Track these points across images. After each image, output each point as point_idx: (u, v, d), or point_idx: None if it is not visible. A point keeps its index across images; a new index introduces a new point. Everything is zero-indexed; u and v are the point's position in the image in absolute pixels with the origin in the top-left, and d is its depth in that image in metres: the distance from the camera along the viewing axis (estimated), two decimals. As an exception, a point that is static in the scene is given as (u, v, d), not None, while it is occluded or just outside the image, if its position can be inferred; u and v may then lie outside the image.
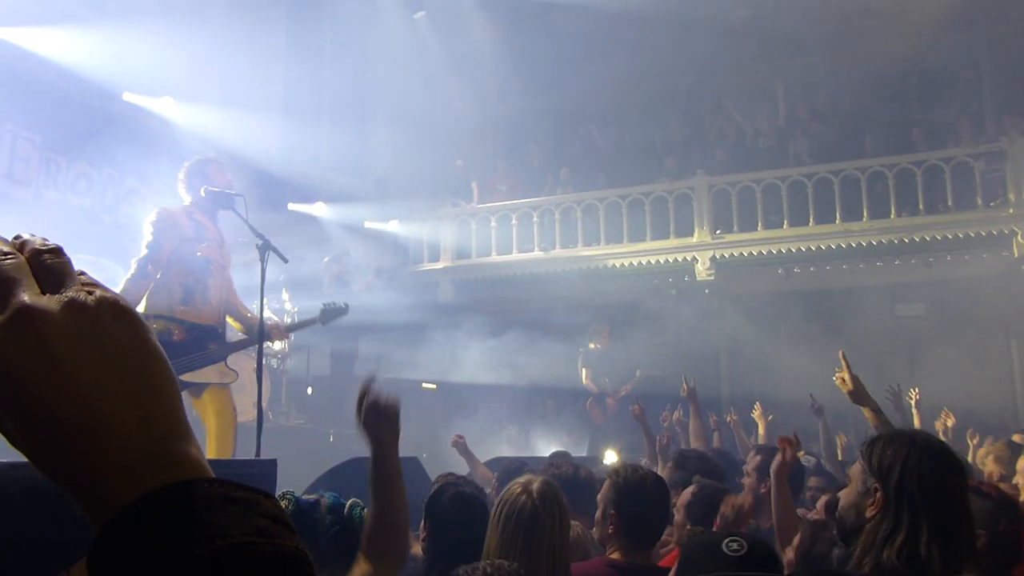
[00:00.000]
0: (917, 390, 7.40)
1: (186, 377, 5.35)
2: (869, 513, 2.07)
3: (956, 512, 2.02)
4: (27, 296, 0.56)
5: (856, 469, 2.17)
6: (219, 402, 5.58)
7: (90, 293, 0.58)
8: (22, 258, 0.59)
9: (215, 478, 0.55)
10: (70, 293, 0.57)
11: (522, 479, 2.75)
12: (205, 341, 5.49)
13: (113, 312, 0.58)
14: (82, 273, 0.60)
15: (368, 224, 13.91)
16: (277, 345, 10.08)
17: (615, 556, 3.02)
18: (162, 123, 11.12)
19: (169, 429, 0.57)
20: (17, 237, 0.61)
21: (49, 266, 0.59)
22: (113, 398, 0.55)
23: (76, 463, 0.54)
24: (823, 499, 3.68)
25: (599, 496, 3.22)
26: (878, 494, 2.06)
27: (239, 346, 5.88)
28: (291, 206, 12.76)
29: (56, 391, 0.54)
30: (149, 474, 0.54)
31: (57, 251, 0.60)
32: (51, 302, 0.56)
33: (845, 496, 2.19)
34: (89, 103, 10.27)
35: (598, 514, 3.17)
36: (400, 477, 2.30)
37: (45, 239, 0.61)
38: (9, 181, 9.37)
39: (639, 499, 3.04)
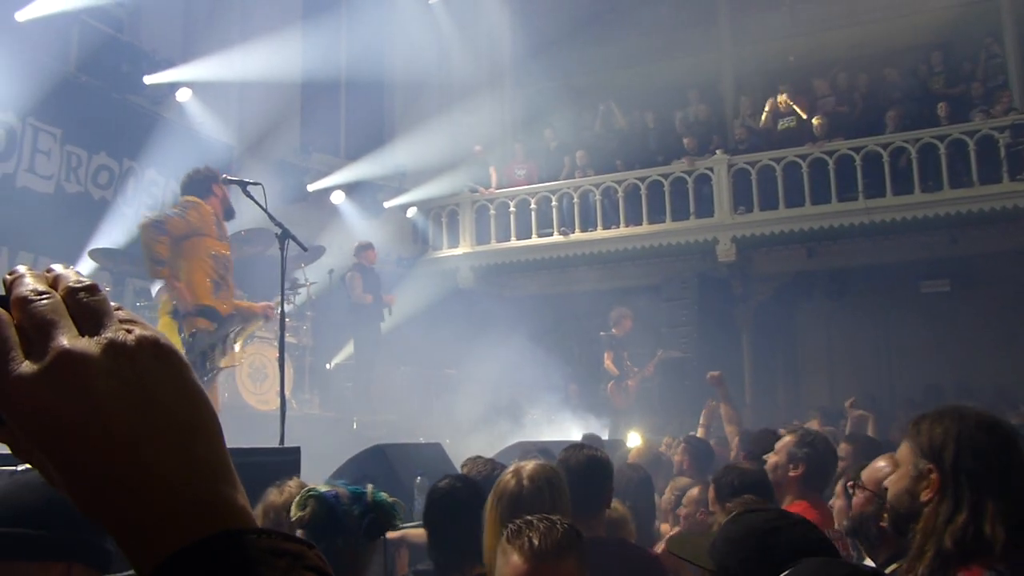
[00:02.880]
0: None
1: (221, 363, 6.01)
2: (925, 497, 1.94)
3: (1016, 486, 1.89)
4: (66, 339, 0.53)
5: (904, 452, 2.03)
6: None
7: (129, 331, 0.56)
8: (58, 297, 0.56)
9: (262, 528, 0.54)
10: (109, 334, 0.55)
11: (517, 464, 2.86)
12: (228, 328, 6.03)
13: (153, 352, 0.55)
14: (119, 308, 0.58)
15: (387, 204, 13.94)
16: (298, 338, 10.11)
17: None
18: (180, 113, 11.17)
19: (213, 474, 0.55)
20: (49, 270, 0.59)
21: (86, 305, 0.56)
22: (156, 443, 0.53)
23: (119, 509, 0.53)
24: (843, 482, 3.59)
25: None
26: (932, 475, 1.93)
27: (245, 330, 6.49)
28: (310, 187, 12.78)
29: (97, 437, 0.52)
30: (195, 522, 0.52)
31: (93, 289, 0.57)
32: (91, 344, 0.54)
33: (894, 483, 2.04)
34: (109, 95, 10.33)
35: None
36: None
37: (80, 275, 0.58)
38: (31, 175, 9.44)
39: (573, 473, 3.19)
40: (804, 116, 12.99)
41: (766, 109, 13.49)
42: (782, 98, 13.37)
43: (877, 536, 2.53)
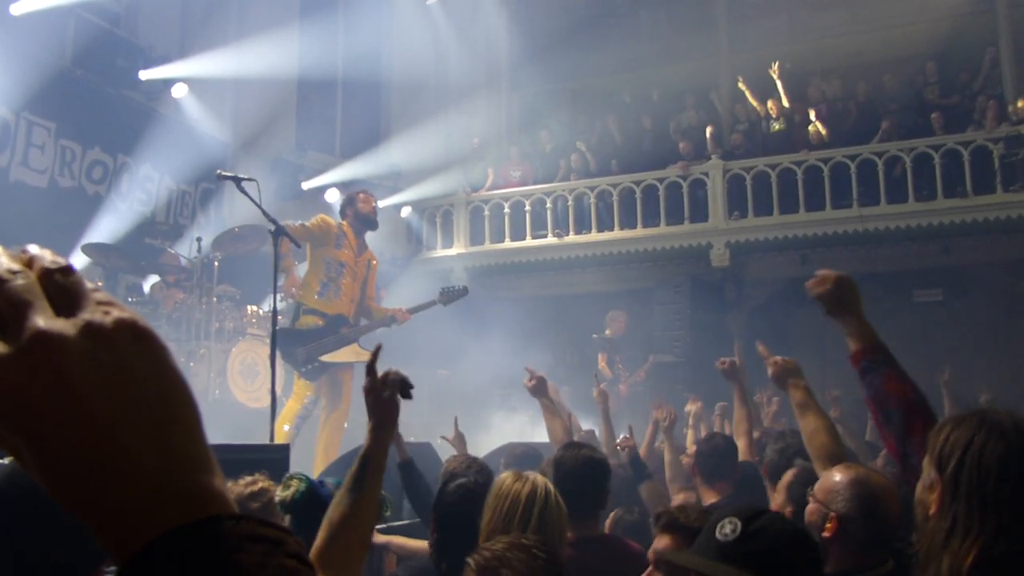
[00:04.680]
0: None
1: (325, 358, 6.72)
2: (931, 511, 1.76)
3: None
4: (42, 320, 0.52)
5: (926, 459, 1.86)
6: (331, 388, 6.99)
7: (107, 313, 0.54)
8: (32, 277, 0.55)
9: (241, 514, 0.53)
10: (86, 315, 0.54)
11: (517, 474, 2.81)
12: (338, 327, 6.82)
13: (131, 334, 0.54)
14: (96, 290, 0.57)
15: (381, 203, 13.91)
16: None
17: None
18: (176, 109, 11.15)
19: (191, 459, 0.54)
20: (24, 251, 0.57)
21: (62, 285, 0.55)
22: (132, 427, 0.52)
23: (94, 496, 0.52)
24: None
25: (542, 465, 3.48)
26: (938, 488, 1.76)
27: (367, 328, 7.14)
28: (305, 185, 12.75)
29: (73, 422, 0.51)
30: (173, 509, 0.52)
31: (68, 269, 0.56)
32: (67, 326, 0.53)
33: (918, 491, 1.88)
34: (104, 90, 10.29)
35: None
36: (381, 475, 2.05)
37: (56, 256, 0.57)
38: (24, 168, 9.40)
39: (571, 473, 3.21)
40: (787, 106, 12.97)
41: (756, 107, 13.49)
42: (772, 103, 13.38)
43: (823, 547, 2.36)
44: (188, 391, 0.56)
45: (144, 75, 10.56)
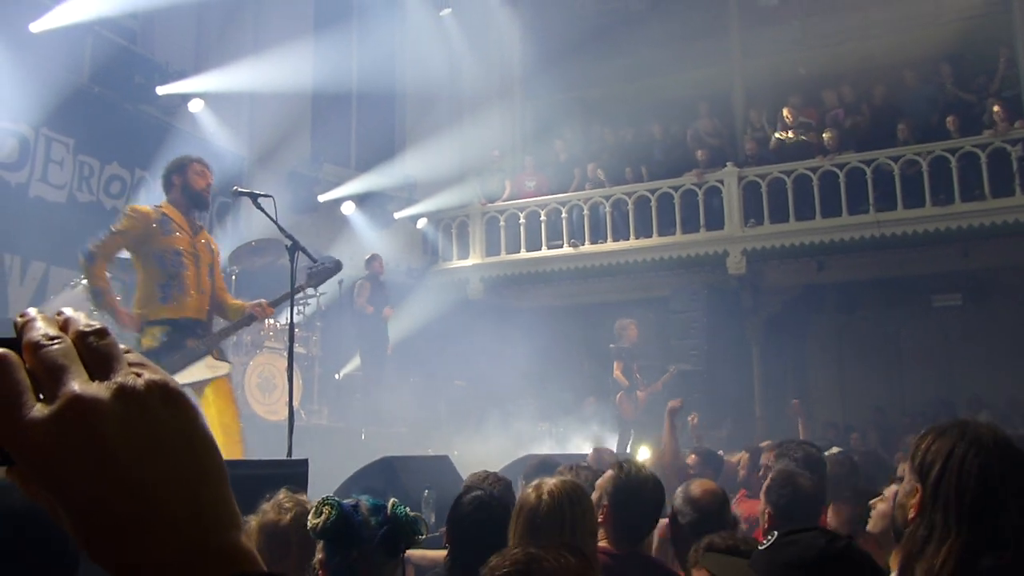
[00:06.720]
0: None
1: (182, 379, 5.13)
2: (910, 516, 1.80)
3: (1009, 519, 1.69)
4: (77, 385, 0.55)
5: (906, 465, 1.92)
6: (221, 399, 5.50)
7: (138, 375, 0.57)
8: (68, 341, 0.57)
9: (267, 571, 0.55)
10: (119, 379, 0.56)
11: (536, 481, 2.83)
12: (183, 338, 5.37)
13: (162, 396, 0.57)
14: (128, 351, 0.59)
15: (397, 215, 13.98)
16: (304, 349, 10.11)
17: (604, 544, 3.09)
18: (193, 123, 11.23)
19: (219, 519, 0.56)
20: (60, 313, 0.60)
21: (96, 349, 0.58)
22: (164, 489, 0.54)
23: (128, 555, 0.54)
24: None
25: (598, 482, 3.31)
26: (917, 495, 1.80)
27: (222, 335, 5.75)
28: (321, 197, 12.81)
29: (107, 483, 0.53)
30: (205, 568, 0.54)
31: (103, 332, 0.59)
32: (101, 389, 0.55)
33: (900, 495, 1.92)
34: (121, 106, 10.39)
35: (595, 497, 3.16)
36: None
37: (90, 320, 0.59)
38: (43, 184, 9.50)
39: (634, 498, 3.11)
40: (808, 137, 12.96)
41: (777, 133, 13.42)
42: (787, 111, 13.34)
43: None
44: (216, 450, 0.59)
45: (161, 90, 10.66)
